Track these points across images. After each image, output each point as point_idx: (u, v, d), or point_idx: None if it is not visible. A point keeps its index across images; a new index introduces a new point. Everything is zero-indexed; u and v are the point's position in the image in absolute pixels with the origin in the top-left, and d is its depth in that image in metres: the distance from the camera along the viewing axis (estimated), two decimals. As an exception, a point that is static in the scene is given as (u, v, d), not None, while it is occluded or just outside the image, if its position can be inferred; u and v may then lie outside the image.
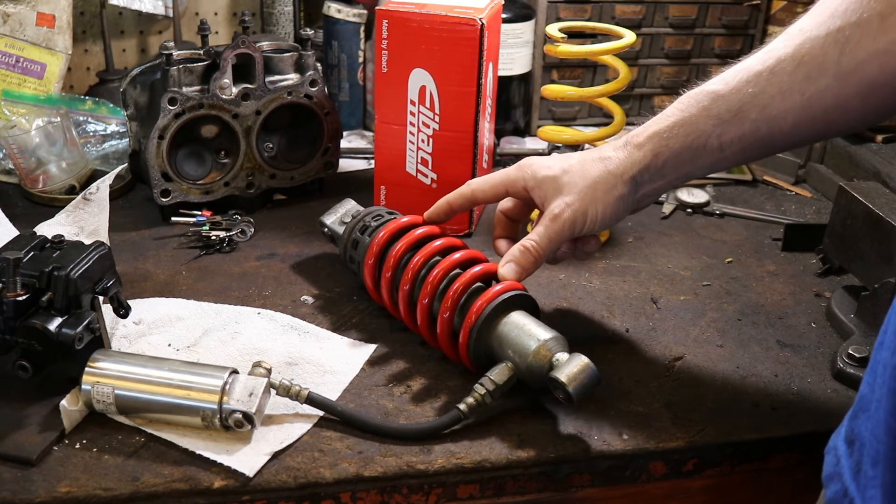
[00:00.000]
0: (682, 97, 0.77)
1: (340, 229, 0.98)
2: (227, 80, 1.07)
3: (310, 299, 0.96)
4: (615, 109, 1.10)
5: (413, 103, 1.05)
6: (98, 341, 0.78)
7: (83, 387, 0.74)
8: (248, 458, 0.72)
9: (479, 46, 1.01)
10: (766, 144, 0.74)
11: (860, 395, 0.62)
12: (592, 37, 1.30)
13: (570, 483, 0.76)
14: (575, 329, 0.92)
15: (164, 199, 1.09)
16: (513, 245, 0.84)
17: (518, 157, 1.32)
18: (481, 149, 1.08)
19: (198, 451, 0.72)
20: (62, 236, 0.81)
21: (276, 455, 0.73)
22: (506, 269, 0.82)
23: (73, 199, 1.04)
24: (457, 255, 0.85)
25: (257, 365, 0.77)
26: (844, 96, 0.68)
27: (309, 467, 0.72)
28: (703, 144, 0.74)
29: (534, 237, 0.81)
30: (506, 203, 0.91)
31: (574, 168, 0.81)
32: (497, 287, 0.81)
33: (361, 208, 1.00)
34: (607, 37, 1.11)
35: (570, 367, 0.74)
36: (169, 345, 0.85)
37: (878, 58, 0.65)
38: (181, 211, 1.09)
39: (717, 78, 0.75)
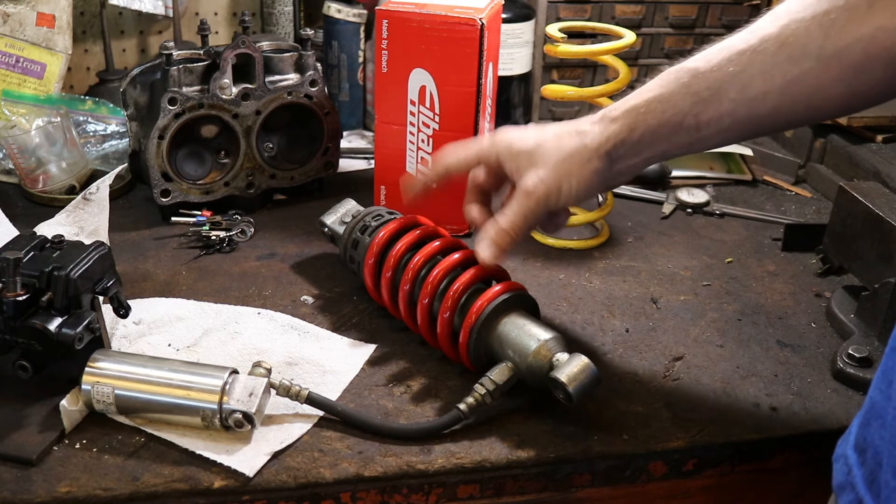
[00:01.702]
0: (663, 73, 0.75)
1: (340, 229, 0.98)
2: (227, 80, 1.07)
3: (310, 299, 0.96)
4: (615, 109, 1.10)
5: (413, 103, 1.05)
6: (98, 341, 0.78)
7: (83, 387, 0.74)
8: (248, 458, 0.72)
9: (479, 46, 1.01)
10: (743, 127, 0.72)
11: (871, 401, 0.61)
12: (592, 37, 1.30)
13: (570, 483, 0.76)
14: (575, 329, 0.92)
15: (164, 199, 1.09)
16: (485, 211, 0.83)
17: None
18: (481, 149, 1.08)
19: (198, 451, 0.72)
20: (62, 236, 0.81)
21: (276, 455, 0.73)
22: (484, 250, 0.80)
23: (73, 199, 1.04)
24: (457, 255, 0.85)
25: (257, 365, 0.77)
26: (827, 80, 0.67)
27: (309, 467, 0.72)
28: (680, 122, 0.72)
29: (509, 215, 0.79)
30: (478, 172, 0.86)
31: (549, 141, 0.78)
32: (497, 287, 0.81)
33: (361, 208, 1.00)
34: (607, 37, 1.11)
35: (570, 367, 0.74)
36: (169, 345, 0.85)
37: (862, 42, 0.64)
38: (181, 211, 1.09)
39: (699, 55, 0.74)
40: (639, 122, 0.74)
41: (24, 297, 0.75)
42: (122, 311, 0.82)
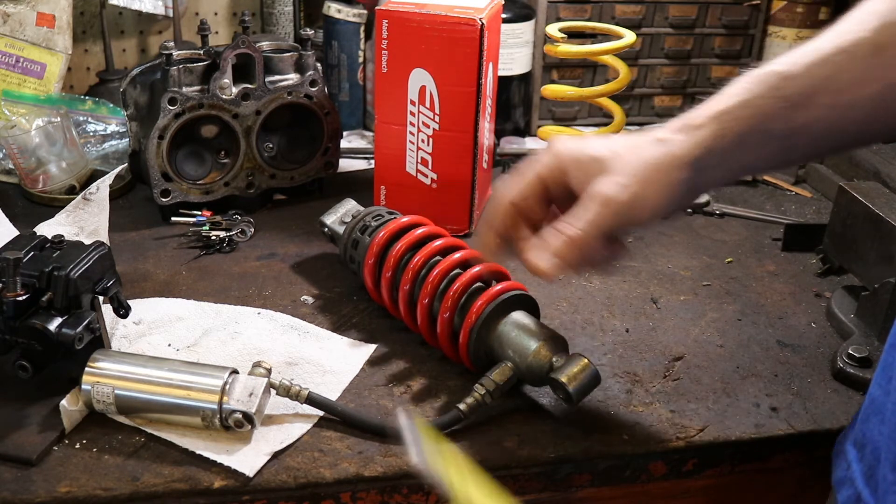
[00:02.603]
0: (744, 77, 0.67)
1: (340, 229, 0.98)
2: (227, 80, 1.07)
3: (310, 299, 0.96)
4: (615, 109, 1.10)
5: (413, 103, 1.05)
6: (98, 341, 0.78)
7: (83, 387, 0.74)
8: (248, 458, 0.72)
9: (479, 46, 1.01)
10: (835, 137, 0.66)
11: (870, 397, 0.61)
12: (592, 37, 1.30)
13: (570, 483, 0.76)
14: (575, 329, 0.92)
15: (164, 199, 1.09)
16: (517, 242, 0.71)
17: (518, 156, 1.32)
18: (481, 149, 1.08)
19: (198, 451, 0.72)
20: (62, 236, 0.81)
21: (276, 455, 0.73)
22: (543, 261, 0.65)
23: (73, 199, 1.04)
24: (457, 255, 0.85)
25: (257, 365, 0.77)
26: None
27: (309, 467, 0.72)
28: (770, 129, 0.65)
29: (579, 223, 0.65)
30: (521, 191, 0.71)
31: (624, 149, 0.67)
32: (497, 287, 0.81)
33: (361, 208, 1.00)
34: (607, 37, 1.11)
35: (570, 367, 0.74)
36: (169, 345, 0.85)
37: None
38: (181, 211, 1.09)
39: (782, 59, 0.67)
40: (727, 129, 0.66)
41: (24, 297, 0.75)
42: (122, 311, 0.82)
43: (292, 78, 1.13)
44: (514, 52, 1.34)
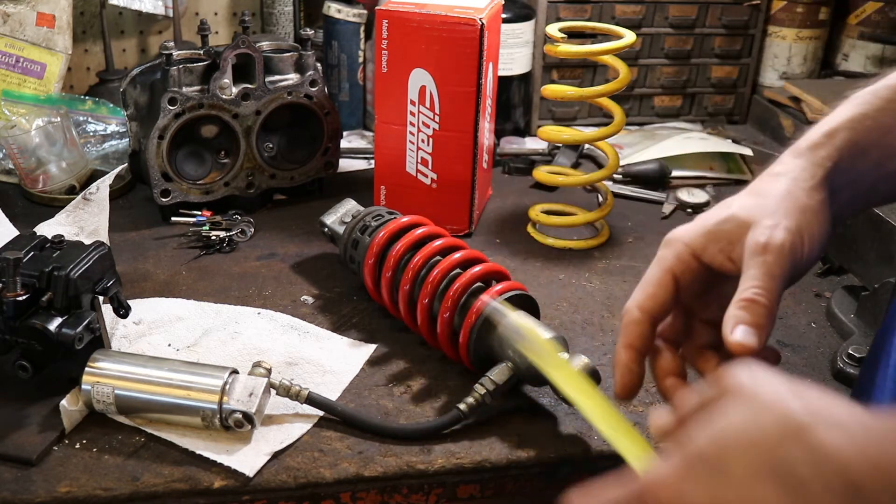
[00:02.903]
0: (850, 97, 0.63)
1: (340, 229, 0.98)
2: (227, 80, 1.07)
3: (310, 299, 0.96)
4: (615, 109, 1.10)
5: (413, 103, 1.05)
6: (98, 341, 0.78)
7: (83, 387, 0.74)
8: (248, 458, 0.72)
9: (479, 46, 1.01)
10: None
11: (858, 381, 0.61)
12: (592, 37, 1.30)
13: (569, 483, 0.76)
14: (575, 329, 0.92)
15: (164, 199, 1.09)
16: (676, 378, 0.63)
17: (518, 156, 1.32)
18: (481, 149, 1.08)
19: (198, 451, 0.72)
20: (62, 236, 0.81)
21: (276, 455, 0.73)
22: (748, 338, 0.55)
23: (73, 199, 1.04)
24: (457, 255, 0.85)
25: (257, 365, 0.77)
26: None
27: (309, 467, 0.72)
28: (891, 143, 0.61)
29: (754, 284, 0.57)
30: (652, 295, 0.63)
31: (750, 199, 0.60)
32: (497, 287, 0.81)
33: (361, 208, 1.00)
34: (607, 37, 1.11)
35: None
36: (169, 345, 0.85)
37: None
38: (181, 211, 1.09)
39: (887, 78, 0.63)
40: (846, 143, 0.61)
41: (24, 297, 0.75)
42: (122, 311, 0.82)
43: (292, 78, 1.13)
44: (514, 52, 1.34)
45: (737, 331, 0.55)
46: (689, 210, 1.21)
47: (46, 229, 0.97)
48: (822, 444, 0.39)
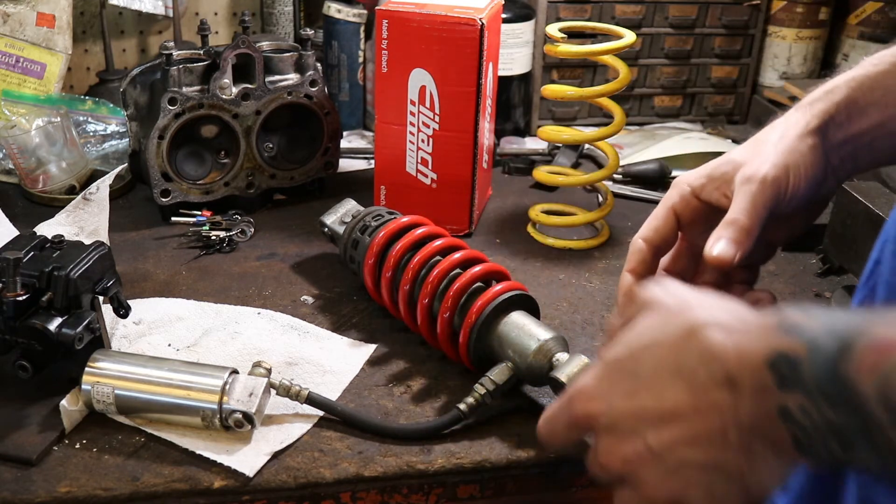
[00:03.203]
0: (858, 65, 0.66)
1: (340, 229, 0.98)
2: (227, 80, 1.07)
3: (310, 299, 0.96)
4: (615, 109, 1.10)
5: (413, 103, 1.05)
6: (98, 341, 0.78)
7: (83, 387, 0.74)
8: (248, 458, 0.72)
9: (479, 46, 1.01)
10: None
11: None
12: (592, 37, 1.30)
13: (570, 483, 0.76)
14: (575, 329, 0.92)
15: (164, 199, 1.09)
16: None
17: (518, 156, 1.32)
18: (481, 149, 1.08)
19: (198, 451, 0.72)
20: (62, 236, 0.81)
21: (276, 455, 0.73)
22: (726, 249, 0.62)
23: (73, 199, 1.04)
24: (457, 255, 0.85)
25: (257, 365, 0.77)
26: None
27: (309, 467, 0.72)
28: (894, 105, 0.63)
29: (741, 209, 0.63)
30: (653, 227, 0.69)
31: (745, 146, 0.67)
32: (497, 287, 0.81)
33: (361, 208, 1.00)
34: (607, 37, 1.11)
35: (570, 367, 0.74)
36: (169, 345, 0.85)
37: None
38: (181, 211, 1.09)
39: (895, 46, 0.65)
40: (844, 100, 0.65)
41: (24, 297, 0.75)
42: (122, 311, 0.82)
43: (292, 78, 1.13)
44: (514, 52, 1.34)
45: (715, 246, 0.62)
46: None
47: (46, 229, 0.97)
48: (710, 344, 0.46)
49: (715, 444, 0.46)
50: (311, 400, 0.76)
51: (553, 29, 1.07)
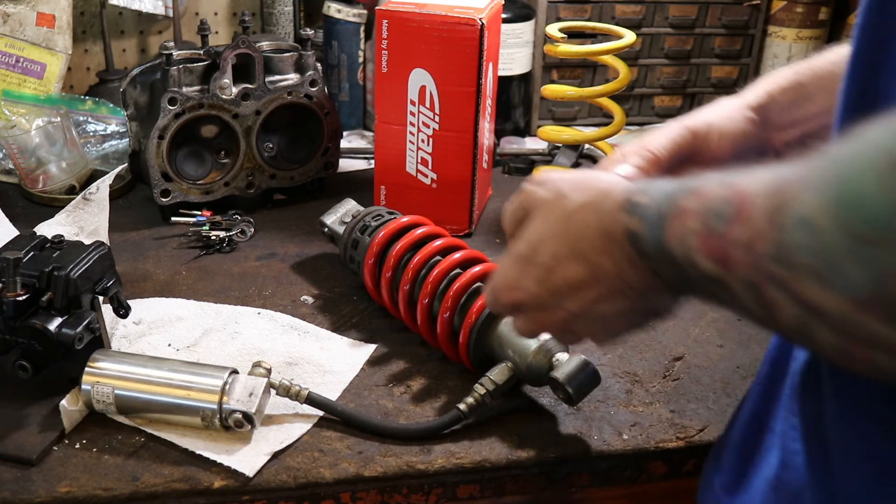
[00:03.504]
0: (815, 56, 0.72)
1: (340, 229, 0.98)
2: (227, 80, 1.07)
3: (310, 299, 0.96)
4: (615, 109, 1.10)
5: (413, 103, 1.05)
6: (98, 341, 0.78)
7: (83, 387, 0.74)
8: (248, 458, 0.72)
9: (479, 46, 1.01)
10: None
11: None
12: (592, 37, 1.30)
13: (570, 483, 0.76)
14: (575, 329, 0.92)
15: (164, 199, 1.09)
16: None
17: (518, 156, 1.32)
18: (481, 149, 1.08)
19: (198, 451, 0.72)
20: (62, 236, 0.81)
21: (276, 455, 0.73)
22: (621, 169, 0.69)
23: (73, 199, 1.04)
24: (457, 255, 0.85)
25: (257, 365, 0.77)
26: None
27: (309, 467, 0.72)
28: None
29: (648, 141, 0.70)
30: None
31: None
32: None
33: (361, 208, 1.00)
34: (607, 37, 1.11)
35: (570, 367, 0.74)
36: (169, 345, 0.85)
37: None
38: (181, 211, 1.09)
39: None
40: (789, 83, 0.71)
41: (24, 297, 0.75)
42: (122, 311, 0.82)
43: (292, 78, 1.13)
44: (514, 52, 1.34)
45: (619, 167, 0.69)
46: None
47: (46, 229, 0.97)
48: (585, 227, 0.55)
49: (618, 297, 0.55)
50: (311, 400, 0.76)
51: (553, 29, 1.07)
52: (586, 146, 1.34)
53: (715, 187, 0.46)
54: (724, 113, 0.72)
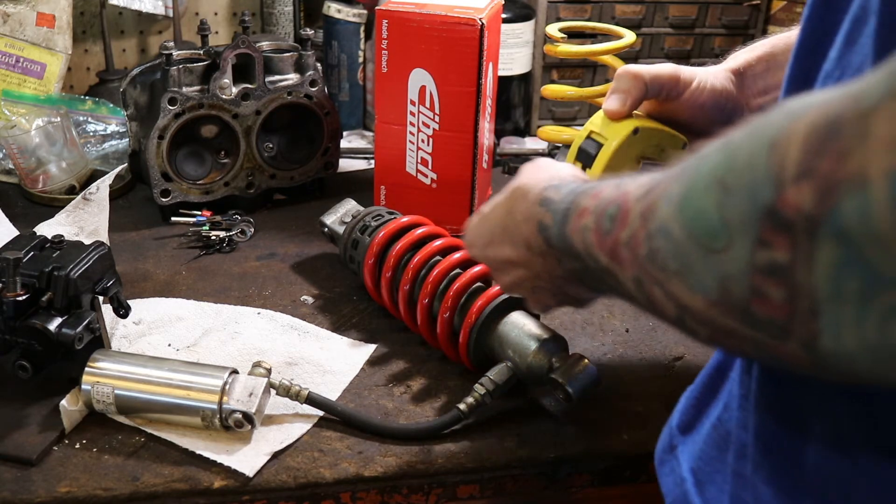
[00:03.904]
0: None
1: (340, 229, 0.98)
2: (227, 80, 1.07)
3: (310, 299, 0.96)
4: (615, 109, 1.10)
5: (413, 103, 1.05)
6: (98, 341, 0.78)
7: (83, 387, 0.74)
8: (248, 458, 0.72)
9: (479, 46, 1.01)
10: None
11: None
12: (592, 37, 1.30)
13: (569, 483, 0.76)
14: (575, 329, 0.92)
15: (164, 199, 1.09)
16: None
17: (518, 156, 1.32)
18: (481, 149, 1.08)
19: (198, 451, 0.72)
20: (62, 236, 0.81)
21: (276, 455, 0.73)
22: (611, 100, 0.76)
23: (73, 199, 1.04)
24: (457, 255, 0.85)
25: (257, 365, 0.77)
26: None
27: (309, 467, 0.72)
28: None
29: (642, 66, 0.78)
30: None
31: None
32: (497, 287, 0.81)
33: (361, 208, 1.00)
34: (607, 37, 1.11)
35: (570, 367, 0.74)
36: (169, 345, 0.85)
37: None
38: (181, 211, 1.09)
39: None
40: (763, 53, 0.78)
41: (24, 297, 0.75)
42: (122, 311, 0.82)
43: (292, 78, 1.13)
44: (514, 52, 1.34)
45: (607, 101, 0.77)
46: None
47: (46, 229, 0.97)
48: (515, 215, 0.61)
49: (538, 279, 0.61)
50: (311, 400, 0.76)
51: (553, 29, 1.07)
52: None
53: (610, 189, 0.50)
54: (710, 70, 0.79)
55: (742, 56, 0.79)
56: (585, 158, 0.79)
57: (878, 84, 0.32)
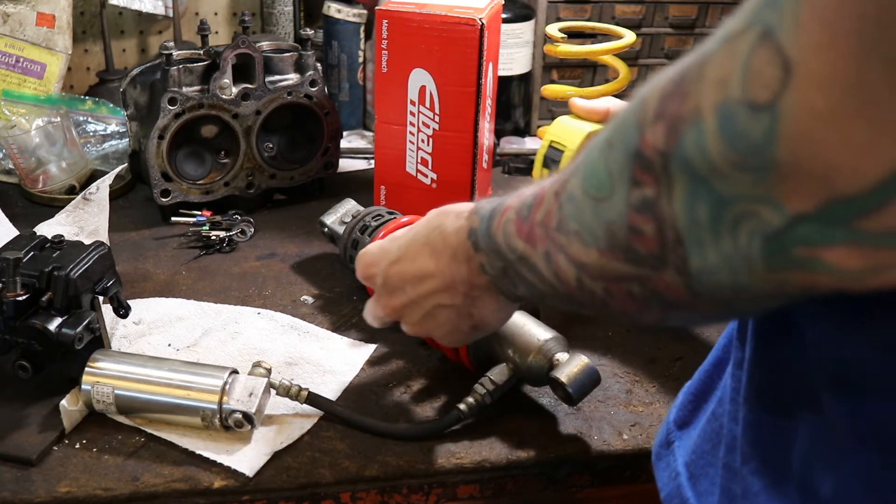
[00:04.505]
0: None
1: (340, 229, 0.98)
2: (227, 80, 1.07)
3: (310, 299, 0.96)
4: (615, 109, 1.10)
5: (413, 103, 1.05)
6: (98, 341, 0.78)
7: (83, 387, 0.74)
8: (248, 458, 0.72)
9: (479, 46, 1.01)
10: None
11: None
12: (592, 37, 1.30)
13: (570, 483, 0.76)
14: (575, 329, 0.92)
15: (164, 199, 1.09)
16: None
17: (518, 156, 1.32)
18: (481, 149, 1.08)
19: (198, 451, 0.72)
20: (62, 236, 0.81)
21: (276, 455, 0.73)
22: (578, 102, 0.91)
23: (73, 199, 1.04)
24: (457, 255, 0.85)
25: (257, 365, 0.77)
26: None
27: (309, 467, 0.72)
28: None
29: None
30: None
31: None
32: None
33: (361, 208, 1.00)
34: (607, 37, 1.11)
35: (570, 367, 0.74)
36: (169, 345, 0.85)
37: None
38: (181, 211, 1.09)
39: None
40: None
41: (24, 297, 0.75)
42: (122, 311, 0.82)
43: (292, 78, 1.13)
44: (514, 52, 1.34)
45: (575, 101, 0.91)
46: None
47: (46, 229, 0.97)
48: (443, 226, 0.65)
49: (452, 293, 0.64)
50: (311, 400, 0.76)
51: (553, 29, 1.07)
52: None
53: (532, 188, 0.55)
54: None
55: None
56: (551, 164, 0.88)
57: (715, 36, 0.37)
